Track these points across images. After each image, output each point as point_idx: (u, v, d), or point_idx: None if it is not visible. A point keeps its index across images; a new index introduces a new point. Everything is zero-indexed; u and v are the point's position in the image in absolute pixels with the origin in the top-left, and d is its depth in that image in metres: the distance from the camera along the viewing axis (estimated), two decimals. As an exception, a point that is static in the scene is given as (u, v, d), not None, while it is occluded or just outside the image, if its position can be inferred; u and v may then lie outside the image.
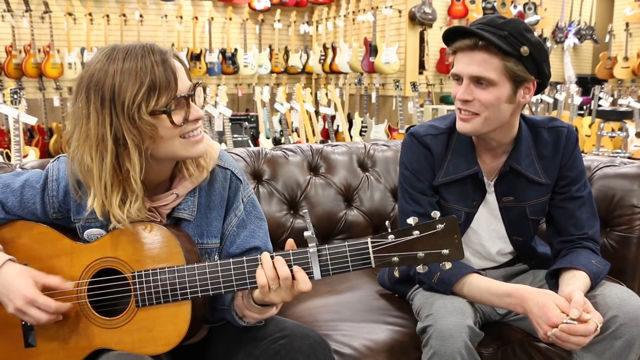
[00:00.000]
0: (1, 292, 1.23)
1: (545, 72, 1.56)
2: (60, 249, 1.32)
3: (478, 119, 1.57)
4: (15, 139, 4.33)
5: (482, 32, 1.50)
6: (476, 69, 1.52)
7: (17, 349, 1.32)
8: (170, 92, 1.18)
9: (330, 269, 1.21)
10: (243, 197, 1.44)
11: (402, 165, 1.75)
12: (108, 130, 1.17)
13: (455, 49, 1.56)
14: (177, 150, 1.25)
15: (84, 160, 1.21)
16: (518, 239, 1.76)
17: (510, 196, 1.70)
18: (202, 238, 1.39)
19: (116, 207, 1.23)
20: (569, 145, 1.69)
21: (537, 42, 1.52)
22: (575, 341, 1.39)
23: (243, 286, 1.24)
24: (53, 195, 1.33)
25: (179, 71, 1.22)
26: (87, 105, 1.19)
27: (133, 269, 1.27)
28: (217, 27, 7.63)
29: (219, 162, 1.41)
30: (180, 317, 1.26)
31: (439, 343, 1.48)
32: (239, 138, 5.96)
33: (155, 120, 1.18)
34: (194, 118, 1.24)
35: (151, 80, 1.16)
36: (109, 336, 1.28)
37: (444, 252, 1.17)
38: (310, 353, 1.29)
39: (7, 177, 1.37)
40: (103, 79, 1.17)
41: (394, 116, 6.82)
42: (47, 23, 6.50)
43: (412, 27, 6.72)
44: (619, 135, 6.22)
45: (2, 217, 1.34)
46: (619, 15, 7.80)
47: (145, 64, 1.17)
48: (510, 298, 1.51)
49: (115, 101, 1.16)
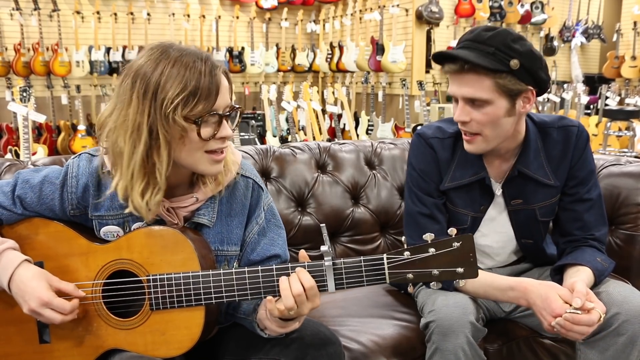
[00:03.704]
0: (16, 293, 1.24)
1: (541, 78, 1.53)
2: (76, 249, 1.33)
3: (480, 138, 1.57)
4: (25, 137, 4.36)
5: (467, 54, 1.48)
6: (467, 91, 1.51)
7: (31, 345, 1.33)
8: (208, 104, 1.21)
9: (345, 283, 1.22)
10: (264, 205, 1.45)
11: (410, 165, 1.75)
12: (145, 120, 1.20)
13: (446, 73, 1.56)
14: (196, 163, 1.27)
15: (117, 143, 1.24)
16: (528, 241, 1.76)
17: (519, 199, 1.70)
18: (223, 245, 1.40)
19: (137, 195, 1.25)
20: (579, 144, 1.68)
21: (526, 52, 1.49)
22: (578, 330, 1.40)
23: (257, 295, 1.25)
24: (72, 192, 1.34)
25: (223, 87, 1.24)
26: (130, 91, 1.22)
27: (148, 272, 1.28)
28: (224, 26, 7.65)
29: (241, 172, 1.42)
30: (194, 322, 1.27)
31: (441, 339, 1.49)
32: (246, 136, 5.97)
33: (186, 125, 1.20)
34: (221, 136, 1.25)
35: (195, 87, 1.19)
36: (122, 337, 1.29)
37: (458, 270, 1.17)
38: (321, 348, 1.30)
39: (26, 172, 1.38)
40: (151, 72, 1.20)
41: (400, 115, 6.82)
42: (55, 21, 6.53)
43: (419, 26, 6.72)
44: (625, 134, 6.20)
45: (20, 213, 1.35)
46: (627, 14, 7.77)
47: (194, 71, 1.20)
48: (514, 291, 1.52)
49: (157, 95, 1.19)
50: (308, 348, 1.30)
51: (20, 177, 1.37)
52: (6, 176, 1.82)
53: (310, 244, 2.16)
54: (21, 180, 1.36)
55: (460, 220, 1.71)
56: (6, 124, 6.05)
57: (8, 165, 1.88)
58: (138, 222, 1.34)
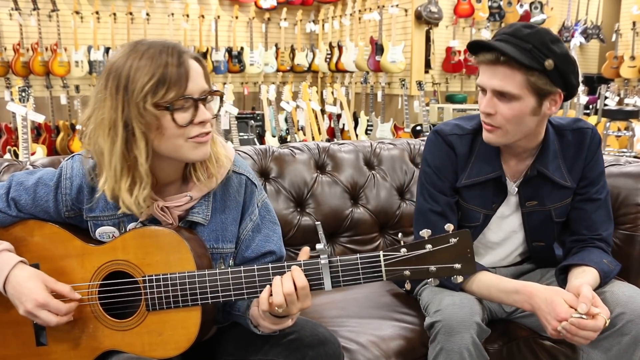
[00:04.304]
0: (12, 294, 1.24)
1: (572, 82, 1.52)
2: (72, 250, 1.32)
3: (500, 131, 1.57)
4: (23, 137, 4.36)
5: (504, 46, 1.47)
6: (498, 84, 1.51)
7: (28, 347, 1.33)
8: (180, 90, 1.20)
9: (342, 281, 1.22)
10: (258, 201, 1.45)
11: (424, 162, 1.73)
12: (120, 115, 1.21)
13: (479, 62, 1.55)
14: (179, 151, 1.25)
15: (98, 143, 1.24)
16: (539, 244, 1.75)
17: (534, 200, 1.69)
18: (218, 242, 1.39)
19: (125, 192, 1.24)
20: (592, 146, 1.68)
21: (563, 54, 1.48)
22: (583, 335, 1.40)
23: (254, 294, 1.25)
24: (66, 193, 1.34)
25: (194, 72, 1.23)
26: (104, 90, 1.23)
27: (144, 272, 1.28)
28: (224, 26, 7.65)
29: (234, 168, 1.41)
30: (191, 322, 1.27)
31: (446, 338, 1.49)
32: (245, 136, 5.97)
33: (159, 113, 1.20)
34: (199, 121, 1.24)
35: (162, 74, 1.19)
36: (119, 338, 1.29)
37: (456, 266, 1.17)
38: (319, 348, 1.30)
39: (20, 175, 1.38)
40: (121, 68, 1.21)
41: (399, 115, 6.82)
42: (54, 21, 6.53)
43: (418, 26, 6.72)
44: (625, 134, 6.20)
45: (15, 215, 1.35)
46: (626, 14, 7.77)
47: (161, 60, 1.20)
48: (518, 295, 1.52)
49: (127, 89, 1.19)
50: (306, 348, 1.30)
51: (14, 180, 1.37)
52: (4, 176, 1.81)
53: (309, 244, 2.11)
54: (15, 182, 1.36)
55: (472, 218, 1.71)
56: (5, 124, 6.04)
57: (7, 166, 1.87)
58: (133, 222, 1.34)
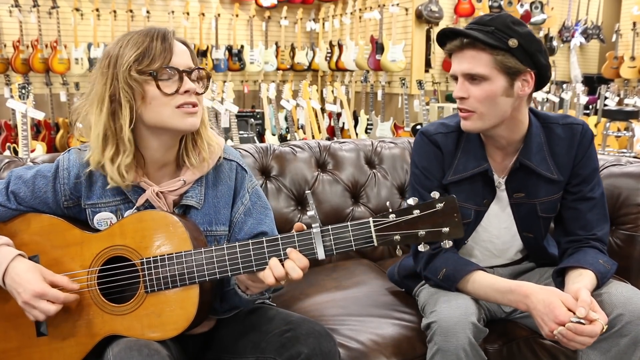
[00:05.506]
0: (11, 286, 1.27)
1: (541, 61, 1.56)
2: (70, 239, 1.35)
3: (475, 115, 1.59)
4: (23, 134, 4.36)
5: (468, 31, 1.54)
6: (466, 66, 1.56)
7: (29, 339, 1.34)
8: (164, 61, 1.28)
9: (334, 248, 1.23)
10: (248, 187, 1.50)
11: (413, 164, 1.77)
12: (108, 88, 1.30)
13: (448, 51, 1.61)
14: (167, 119, 1.31)
15: (87, 119, 1.33)
16: (529, 235, 1.76)
17: (521, 192, 1.70)
18: (211, 225, 1.44)
19: (108, 161, 1.31)
20: (583, 142, 1.69)
21: (526, 33, 1.54)
22: (580, 341, 1.39)
23: (249, 269, 1.26)
24: (64, 183, 1.38)
25: (178, 49, 1.32)
26: (98, 70, 1.33)
27: (142, 255, 1.30)
28: (224, 24, 7.65)
29: (225, 155, 1.48)
30: (189, 301, 1.29)
31: (442, 339, 1.49)
32: (245, 135, 5.96)
33: (143, 79, 1.27)
34: (184, 90, 1.30)
35: (147, 47, 1.28)
36: (118, 323, 1.30)
37: (444, 230, 1.19)
38: (315, 346, 1.32)
39: (19, 169, 1.43)
40: (112, 50, 1.31)
41: (399, 114, 6.82)
42: (54, 18, 6.53)
43: (419, 25, 6.72)
44: (624, 135, 6.20)
45: (15, 209, 1.39)
46: (626, 14, 7.78)
47: (146, 37, 1.30)
48: (513, 295, 1.51)
49: (116, 64, 1.29)
50: (303, 346, 1.31)
51: (13, 174, 1.42)
52: (4, 173, 1.81)
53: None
54: (14, 176, 1.41)
55: (463, 215, 1.71)
56: (4, 121, 6.03)
57: (7, 163, 1.87)
58: (130, 209, 1.37)
